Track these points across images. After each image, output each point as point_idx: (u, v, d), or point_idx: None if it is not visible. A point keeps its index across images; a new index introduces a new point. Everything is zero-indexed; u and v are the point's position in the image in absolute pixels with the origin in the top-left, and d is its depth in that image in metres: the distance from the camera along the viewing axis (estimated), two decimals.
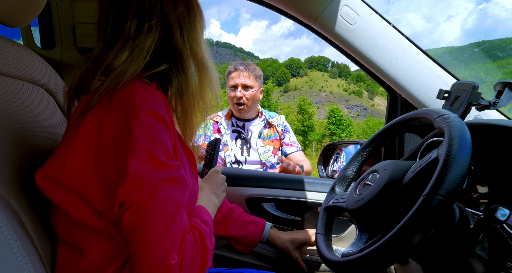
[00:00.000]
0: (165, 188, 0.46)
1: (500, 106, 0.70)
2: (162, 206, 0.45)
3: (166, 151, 0.48)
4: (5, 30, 0.60)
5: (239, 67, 1.62)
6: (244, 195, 1.07)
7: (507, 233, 0.46)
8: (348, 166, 0.75)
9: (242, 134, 1.66)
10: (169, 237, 0.45)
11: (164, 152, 0.47)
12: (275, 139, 1.69)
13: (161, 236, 0.44)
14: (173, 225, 0.46)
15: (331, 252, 0.59)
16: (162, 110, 0.49)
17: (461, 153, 0.42)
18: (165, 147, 0.48)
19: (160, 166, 0.46)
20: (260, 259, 1.09)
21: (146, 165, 0.45)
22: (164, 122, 0.49)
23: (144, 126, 0.46)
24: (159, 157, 0.46)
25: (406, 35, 0.94)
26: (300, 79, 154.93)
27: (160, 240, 0.44)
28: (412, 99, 0.98)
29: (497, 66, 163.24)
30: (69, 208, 0.48)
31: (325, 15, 0.91)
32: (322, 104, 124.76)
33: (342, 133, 46.35)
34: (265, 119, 1.69)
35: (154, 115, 0.48)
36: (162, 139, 0.48)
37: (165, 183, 0.46)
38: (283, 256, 1.02)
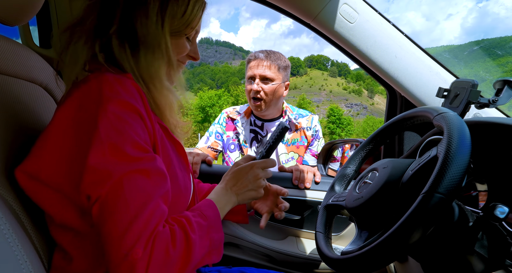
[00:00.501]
0: (131, 180, 0.44)
1: (499, 104, 0.70)
2: (127, 199, 0.43)
3: (135, 142, 0.46)
4: (4, 29, 0.60)
5: (259, 55, 1.34)
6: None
7: (506, 231, 0.46)
8: (348, 164, 0.75)
9: (260, 136, 1.41)
10: (134, 230, 0.43)
11: (133, 143, 0.46)
12: (302, 145, 1.40)
13: (125, 230, 0.42)
14: (140, 218, 0.44)
15: (330, 250, 0.59)
16: (134, 101, 0.49)
17: (460, 151, 0.42)
18: (134, 138, 0.46)
19: (124, 158, 0.45)
20: (261, 258, 1.09)
21: (108, 158, 0.44)
22: (136, 113, 0.48)
23: (110, 117, 0.45)
24: (125, 148, 0.45)
25: (406, 34, 0.94)
26: (300, 78, 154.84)
27: (124, 234, 0.42)
28: (411, 97, 0.98)
29: (497, 65, 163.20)
30: (50, 206, 0.48)
31: (324, 13, 0.91)
32: (322, 103, 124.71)
33: (342, 132, 46.36)
34: (289, 120, 1.41)
35: (124, 105, 0.47)
36: (131, 130, 0.47)
37: (131, 175, 0.44)
38: (284, 255, 1.02)
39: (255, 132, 1.42)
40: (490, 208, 0.44)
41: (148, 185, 0.46)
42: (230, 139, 1.42)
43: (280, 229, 1.11)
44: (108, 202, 0.43)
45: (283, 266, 1.07)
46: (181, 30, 0.60)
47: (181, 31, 0.60)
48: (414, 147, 0.79)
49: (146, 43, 0.55)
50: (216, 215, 0.58)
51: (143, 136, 0.49)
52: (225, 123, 1.45)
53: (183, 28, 0.59)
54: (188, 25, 0.60)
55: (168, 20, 0.57)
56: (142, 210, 0.44)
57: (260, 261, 1.08)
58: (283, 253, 1.07)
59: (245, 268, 0.76)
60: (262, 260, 1.08)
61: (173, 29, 0.58)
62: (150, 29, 0.55)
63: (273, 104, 1.35)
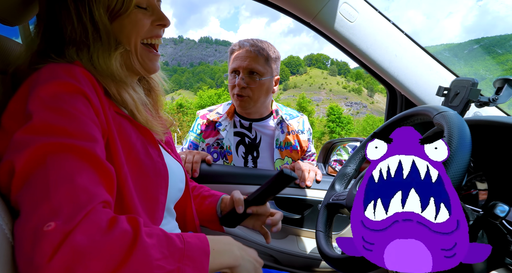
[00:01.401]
0: (56, 154, 0.40)
1: (499, 103, 0.70)
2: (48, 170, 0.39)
3: (72, 118, 0.43)
4: (4, 29, 0.60)
5: (244, 44, 1.13)
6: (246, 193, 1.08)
7: (506, 229, 0.47)
8: (348, 163, 0.75)
9: (248, 139, 1.21)
10: (51, 204, 0.37)
11: (68, 119, 0.43)
12: (295, 149, 1.23)
13: (40, 201, 0.37)
14: (58, 191, 0.38)
15: (331, 249, 0.59)
16: (77, 82, 0.47)
17: (460, 150, 0.42)
18: (72, 113, 0.44)
19: (52, 130, 0.41)
20: (262, 258, 1.09)
21: (34, 130, 0.41)
22: (79, 93, 0.46)
23: (42, 96, 0.43)
24: (55, 122, 0.42)
25: (406, 32, 0.94)
26: (300, 77, 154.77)
27: (37, 206, 0.37)
28: (411, 96, 0.98)
29: (497, 63, 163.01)
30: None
31: (324, 13, 0.91)
32: (322, 102, 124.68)
33: (341, 131, 46.36)
34: (281, 121, 1.22)
35: (63, 85, 0.45)
36: (69, 106, 0.44)
37: (58, 148, 0.41)
38: (285, 254, 1.02)
39: (241, 135, 1.21)
40: (490, 207, 0.44)
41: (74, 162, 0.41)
42: (210, 147, 1.20)
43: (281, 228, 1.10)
44: (27, 171, 0.39)
45: (284, 265, 1.07)
46: (121, 7, 0.54)
47: (122, 7, 0.54)
48: None
49: (81, 37, 0.52)
50: (202, 249, 0.45)
51: (87, 114, 0.46)
52: (201, 131, 1.22)
53: (120, 3, 0.53)
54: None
55: (93, 4, 0.52)
56: (63, 184, 0.38)
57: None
58: (284, 252, 1.07)
59: None
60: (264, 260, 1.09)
61: (110, 10, 0.53)
62: (77, 22, 0.52)
63: (261, 102, 1.16)
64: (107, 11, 0.53)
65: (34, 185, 0.38)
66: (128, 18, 0.55)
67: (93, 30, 0.53)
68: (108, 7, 0.53)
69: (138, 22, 0.56)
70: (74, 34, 0.53)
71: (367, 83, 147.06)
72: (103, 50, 0.54)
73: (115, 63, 0.55)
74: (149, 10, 0.58)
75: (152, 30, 0.59)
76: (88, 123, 0.45)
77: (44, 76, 0.46)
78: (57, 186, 0.38)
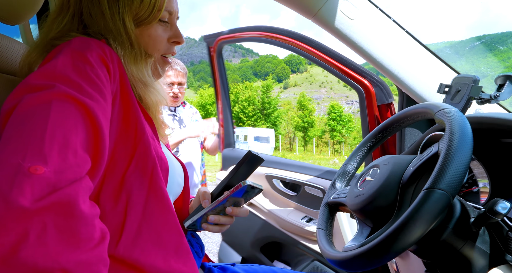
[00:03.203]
0: (63, 102, 0.39)
1: (501, 100, 0.70)
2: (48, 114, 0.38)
3: (92, 82, 0.43)
4: (4, 28, 0.60)
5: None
6: (263, 173, 1.51)
7: (507, 226, 0.47)
8: (349, 161, 0.75)
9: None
10: (41, 146, 0.35)
11: (88, 81, 0.43)
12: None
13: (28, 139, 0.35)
14: (54, 140, 0.36)
15: (332, 247, 0.59)
16: (105, 56, 0.47)
17: (462, 147, 0.42)
18: (92, 78, 0.43)
19: (69, 83, 0.41)
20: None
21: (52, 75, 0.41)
22: (105, 67, 0.47)
23: (72, 57, 0.44)
24: (74, 78, 0.42)
25: (407, 30, 0.93)
26: (300, 75, 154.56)
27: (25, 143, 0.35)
28: (412, 94, 0.98)
29: (498, 60, 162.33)
30: None
31: (324, 10, 0.90)
32: (322, 100, 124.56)
33: (342, 129, 46.32)
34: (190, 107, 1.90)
35: (94, 55, 0.46)
36: (92, 73, 0.44)
37: (66, 98, 0.40)
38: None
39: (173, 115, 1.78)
40: (492, 204, 0.44)
41: (80, 120, 0.40)
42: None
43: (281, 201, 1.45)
44: (28, 108, 0.38)
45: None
46: (151, 18, 0.54)
47: (152, 18, 0.54)
48: (415, 143, 0.79)
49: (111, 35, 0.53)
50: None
51: (107, 87, 0.46)
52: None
53: (151, 14, 0.54)
54: (157, 9, 0.54)
55: (125, 11, 0.52)
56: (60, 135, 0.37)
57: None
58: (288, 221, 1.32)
59: (248, 265, 0.76)
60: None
61: (138, 18, 0.54)
62: (108, 25, 0.53)
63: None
64: (133, 18, 0.54)
65: (32, 122, 0.36)
66: (148, 30, 0.56)
67: (125, 32, 0.53)
68: (136, 14, 0.54)
69: (158, 36, 0.57)
70: (104, 31, 0.53)
71: None
72: (133, 54, 0.54)
73: (146, 71, 0.56)
74: (168, 25, 0.59)
75: (168, 47, 0.61)
76: (106, 95, 0.45)
77: (76, 44, 0.46)
78: (54, 133, 0.36)
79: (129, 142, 0.49)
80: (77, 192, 0.35)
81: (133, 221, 0.47)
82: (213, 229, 0.64)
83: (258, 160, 0.61)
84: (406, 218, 0.41)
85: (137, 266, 0.45)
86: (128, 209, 0.47)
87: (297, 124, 46.44)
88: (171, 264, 0.47)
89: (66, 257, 0.33)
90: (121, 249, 0.45)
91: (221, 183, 0.64)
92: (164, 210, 0.50)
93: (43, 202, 0.32)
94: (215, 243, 3.27)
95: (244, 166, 0.61)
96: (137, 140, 0.50)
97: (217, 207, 0.61)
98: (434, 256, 0.51)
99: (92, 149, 0.41)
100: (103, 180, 0.46)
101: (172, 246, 0.49)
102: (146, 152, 0.50)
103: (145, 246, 0.47)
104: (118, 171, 0.47)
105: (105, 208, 0.46)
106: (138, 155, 0.49)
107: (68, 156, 0.37)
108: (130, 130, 0.50)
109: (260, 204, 1.50)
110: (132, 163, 0.48)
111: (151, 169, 0.50)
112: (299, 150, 43.52)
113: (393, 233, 0.41)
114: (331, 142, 48.31)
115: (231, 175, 0.62)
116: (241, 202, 0.63)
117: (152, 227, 0.48)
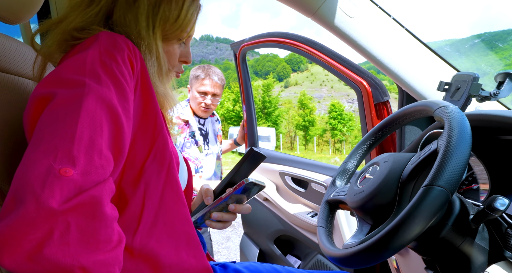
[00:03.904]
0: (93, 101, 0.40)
1: (501, 97, 0.70)
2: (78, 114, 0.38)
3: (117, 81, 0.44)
4: (5, 28, 0.61)
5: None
6: (278, 170, 1.60)
7: (506, 223, 0.47)
8: (349, 159, 0.75)
9: (203, 131, 1.73)
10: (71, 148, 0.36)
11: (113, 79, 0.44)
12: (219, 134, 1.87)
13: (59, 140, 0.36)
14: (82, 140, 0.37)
15: (332, 245, 0.60)
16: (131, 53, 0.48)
17: (461, 144, 0.42)
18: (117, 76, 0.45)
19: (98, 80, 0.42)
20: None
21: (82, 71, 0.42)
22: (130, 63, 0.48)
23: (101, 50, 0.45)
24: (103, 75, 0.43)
25: (406, 28, 0.93)
26: (301, 74, 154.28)
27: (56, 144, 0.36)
28: (412, 91, 0.98)
29: (499, 58, 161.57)
30: None
31: (324, 8, 0.90)
32: (323, 99, 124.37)
33: (343, 128, 46.25)
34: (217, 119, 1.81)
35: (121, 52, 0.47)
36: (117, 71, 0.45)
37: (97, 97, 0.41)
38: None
39: (199, 129, 1.68)
40: (490, 200, 0.44)
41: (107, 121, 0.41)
42: (184, 139, 1.60)
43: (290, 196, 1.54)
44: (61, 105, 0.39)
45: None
46: (173, 36, 0.57)
47: (174, 36, 0.58)
48: (415, 141, 0.79)
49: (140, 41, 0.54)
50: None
51: (130, 85, 0.47)
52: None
53: (176, 33, 0.57)
54: (182, 30, 0.57)
55: (159, 25, 0.55)
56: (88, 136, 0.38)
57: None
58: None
59: (249, 263, 0.76)
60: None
61: (164, 34, 0.56)
62: (140, 33, 0.53)
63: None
64: (162, 33, 0.56)
65: (63, 123, 0.38)
66: (168, 47, 0.59)
67: (154, 44, 0.55)
68: (162, 29, 0.56)
69: (174, 54, 0.60)
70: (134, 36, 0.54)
71: None
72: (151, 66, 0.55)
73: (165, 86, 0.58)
74: (185, 46, 0.63)
75: (178, 66, 0.64)
76: (128, 93, 0.45)
77: (104, 39, 0.47)
78: (82, 135, 0.38)
79: (148, 133, 0.51)
80: (101, 194, 0.37)
81: (150, 210, 0.48)
82: (216, 226, 0.65)
83: (260, 157, 0.62)
84: (405, 215, 0.41)
85: (152, 257, 0.47)
86: (146, 198, 0.48)
87: (298, 123, 46.39)
88: (182, 255, 0.49)
89: (85, 257, 0.34)
90: (138, 238, 0.47)
91: (224, 180, 0.64)
92: (179, 201, 0.51)
93: (70, 203, 0.34)
94: (215, 242, 3.28)
95: (247, 163, 0.61)
96: (156, 132, 0.51)
97: (220, 204, 0.61)
98: (433, 253, 0.51)
99: (114, 148, 0.42)
100: (124, 170, 0.48)
101: (184, 238, 0.50)
102: (165, 144, 0.52)
103: (160, 236, 0.48)
104: (138, 161, 0.49)
105: (125, 196, 0.47)
106: (157, 146, 0.51)
107: (94, 157, 0.38)
108: (149, 122, 0.51)
109: (274, 199, 1.56)
110: (151, 154, 0.50)
111: (168, 161, 0.52)
112: (300, 148, 43.51)
113: (392, 230, 0.42)
114: (332, 140, 48.25)
115: (233, 172, 0.62)
116: (244, 199, 0.63)
117: (167, 217, 0.49)
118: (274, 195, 1.59)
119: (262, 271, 0.68)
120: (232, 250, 3.07)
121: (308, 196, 1.43)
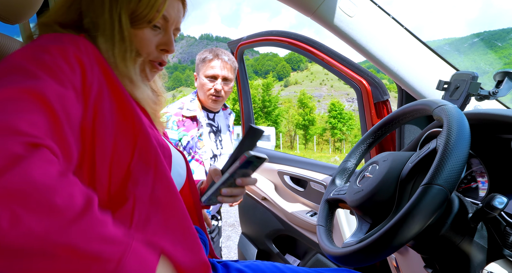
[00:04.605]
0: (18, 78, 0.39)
1: (499, 96, 0.70)
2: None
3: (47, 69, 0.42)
4: (5, 27, 0.61)
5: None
6: (276, 169, 1.59)
7: (505, 221, 0.47)
8: (349, 158, 0.75)
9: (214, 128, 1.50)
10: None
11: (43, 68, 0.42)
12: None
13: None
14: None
15: (332, 243, 0.60)
16: (76, 49, 0.47)
17: (459, 143, 0.42)
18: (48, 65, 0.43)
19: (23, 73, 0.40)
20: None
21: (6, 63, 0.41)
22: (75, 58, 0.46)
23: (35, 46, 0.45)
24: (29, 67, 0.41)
25: (406, 27, 0.93)
26: (301, 73, 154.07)
27: None
28: (412, 90, 0.98)
29: (499, 57, 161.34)
30: None
31: (323, 7, 0.90)
32: (323, 98, 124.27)
33: (343, 127, 46.23)
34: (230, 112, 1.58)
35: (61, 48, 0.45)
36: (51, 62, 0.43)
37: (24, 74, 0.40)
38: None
39: (210, 125, 1.44)
40: (489, 199, 0.44)
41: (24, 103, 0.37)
42: (194, 138, 1.35)
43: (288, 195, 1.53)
44: None
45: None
46: (142, 17, 0.54)
47: (142, 17, 0.54)
48: (414, 140, 0.79)
49: (104, 32, 0.52)
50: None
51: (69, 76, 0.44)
52: (178, 126, 1.34)
53: (144, 13, 0.54)
54: (150, 8, 0.54)
55: (123, 5, 0.52)
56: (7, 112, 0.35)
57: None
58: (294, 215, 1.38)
59: (250, 261, 0.77)
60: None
61: (133, 16, 0.54)
62: (101, 15, 0.52)
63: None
64: (130, 15, 0.54)
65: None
66: (140, 32, 0.56)
67: (118, 26, 0.53)
68: (133, 12, 0.54)
69: (145, 40, 0.57)
70: (97, 25, 0.53)
71: None
72: (123, 51, 0.54)
73: (133, 68, 0.55)
74: (161, 32, 0.59)
75: (157, 54, 0.60)
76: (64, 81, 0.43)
77: (44, 38, 0.46)
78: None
79: (129, 133, 0.50)
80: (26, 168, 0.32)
81: (141, 209, 0.48)
82: (228, 200, 0.71)
83: (258, 131, 0.66)
84: (404, 214, 0.41)
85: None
86: (136, 197, 0.48)
87: (298, 122, 46.38)
88: (179, 250, 0.48)
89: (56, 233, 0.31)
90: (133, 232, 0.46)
91: (229, 159, 0.68)
92: (172, 197, 0.52)
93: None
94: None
95: (248, 139, 0.65)
96: (136, 131, 0.51)
97: (228, 180, 0.66)
98: (432, 251, 0.52)
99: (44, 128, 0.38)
100: (110, 172, 0.48)
101: (179, 231, 0.50)
102: (147, 142, 0.51)
103: (155, 232, 0.48)
104: (123, 162, 0.49)
105: (115, 198, 0.48)
106: (140, 146, 0.50)
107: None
108: (128, 122, 0.51)
109: (272, 198, 1.56)
110: (135, 155, 0.50)
111: (154, 159, 0.51)
112: (300, 148, 43.50)
113: (392, 228, 0.42)
114: (332, 139, 48.24)
115: (237, 150, 0.66)
116: (249, 172, 0.67)
117: (160, 213, 0.50)
118: (272, 194, 1.59)
119: (264, 269, 0.68)
120: (232, 249, 3.08)
121: (307, 195, 1.43)
